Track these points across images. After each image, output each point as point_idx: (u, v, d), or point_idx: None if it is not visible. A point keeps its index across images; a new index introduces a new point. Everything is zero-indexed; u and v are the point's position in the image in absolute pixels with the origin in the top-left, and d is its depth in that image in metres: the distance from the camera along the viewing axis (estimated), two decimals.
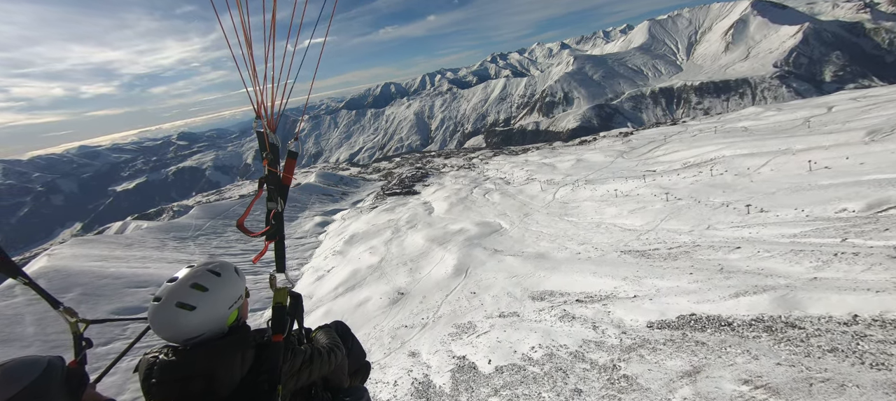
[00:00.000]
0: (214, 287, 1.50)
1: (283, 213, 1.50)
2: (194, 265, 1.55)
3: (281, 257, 1.55)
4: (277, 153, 1.49)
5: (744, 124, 37.63)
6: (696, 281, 11.21)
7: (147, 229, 36.96)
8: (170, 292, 1.44)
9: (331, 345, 1.90)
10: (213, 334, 1.49)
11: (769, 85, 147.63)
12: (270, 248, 1.53)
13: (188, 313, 1.43)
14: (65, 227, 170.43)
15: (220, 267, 1.57)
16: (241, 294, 1.62)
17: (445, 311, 15.79)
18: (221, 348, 1.45)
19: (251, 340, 1.52)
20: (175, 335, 1.43)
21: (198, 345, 1.45)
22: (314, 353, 1.73)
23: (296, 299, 1.68)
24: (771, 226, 13.76)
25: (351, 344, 2.25)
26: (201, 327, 1.46)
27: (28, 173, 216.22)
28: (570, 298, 13.43)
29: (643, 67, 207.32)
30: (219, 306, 1.50)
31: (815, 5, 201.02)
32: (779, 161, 20.37)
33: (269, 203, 1.48)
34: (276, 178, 1.48)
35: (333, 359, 1.84)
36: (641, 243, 16.66)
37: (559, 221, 23.92)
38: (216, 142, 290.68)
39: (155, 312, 1.42)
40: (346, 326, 2.36)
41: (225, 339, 1.49)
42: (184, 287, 1.46)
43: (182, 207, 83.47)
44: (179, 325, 1.42)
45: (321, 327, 2.17)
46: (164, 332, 1.43)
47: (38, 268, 21.43)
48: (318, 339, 1.99)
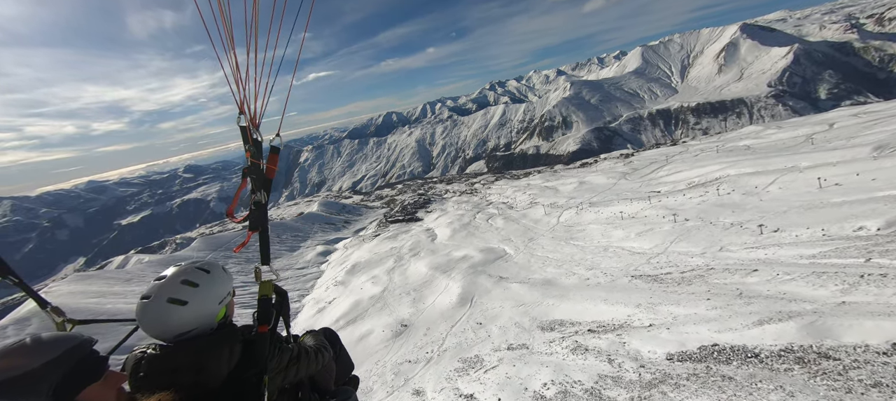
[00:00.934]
0: (204, 283, 1.53)
1: (266, 205, 1.51)
2: (181, 265, 1.57)
3: (266, 250, 1.56)
4: (260, 147, 1.50)
5: (745, 143, 37.54)
6: (715, 307, 10.63)
7: (147, 263, 36.61)
8: (160, 289, 1.45)
9: (318, 346, 1.91)
10: (202, 331, 1.50)
11: (765, 104, 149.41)
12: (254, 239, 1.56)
13: (180, 308, 1.45)
14: (69, 262, 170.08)
15: (208, 265, 1.60)
16: (230, 291, 1.66)
17: (451, 343, 15.10)
18: (209, 342, 1.46)
19: (239, 334, 1.55)
20: (165, 331, 1.44)
21: (186, 341, 1.45)
22: (301, 351, 1.76)
23: (281, 296, 1.70)
24: (787, 246, 13.25)
25: (339, 351, 2.27)
26: (192, 322, 1.48)
27: (35, 209, 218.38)
28: (582, 328, 12.79)
29: (639, 90, 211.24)
30: (209, 301, 1.53)
31: (802, 27, 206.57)
32: (787, 179, 20.00)
33: (252, 194, 1.49)
34: (258, 169, 1.48)
35: (321, 358, 1.85)
36: (652, 267, 16.09)
37: (565, 245, 23.39)
38: (221, 173, 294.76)
39: (144, 308, 1.43)
40: (335, 333, 2.36)
41: (212, 335, 1.50)
42: (174, 283, 1.48)
43: (185, 239, 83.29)
44: (171, 320, 1.44)
45: (309, 331, 2.19)
46: (154, 328, 1.43)
47: (33, 306, 20.92)
48: (306, 340, 2.01)
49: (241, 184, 1.52)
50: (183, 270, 1.53)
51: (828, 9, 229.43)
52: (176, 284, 1.47)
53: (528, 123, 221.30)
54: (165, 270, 1.53)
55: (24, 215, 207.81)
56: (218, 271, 1.61)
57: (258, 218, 1.49)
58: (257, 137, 1.49)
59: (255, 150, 1.47)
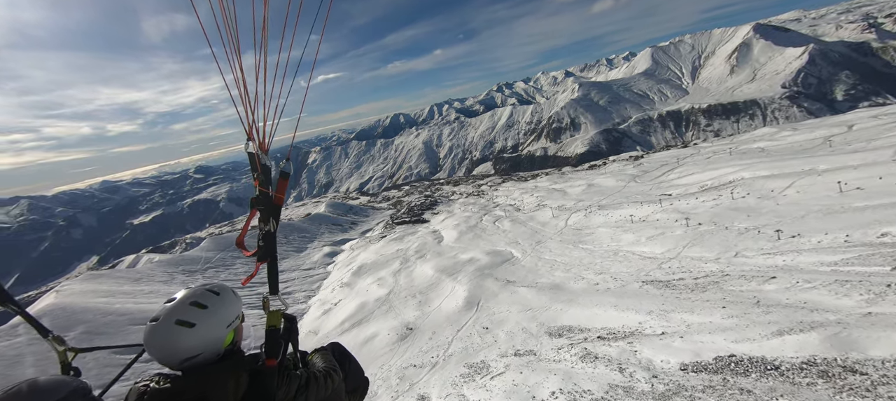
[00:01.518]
0: (213, 305, 1.51)
1: (275, 233, 1.47)
2: (192, 287, 1.55)
3: (274, 279, 1.54)
4: (269, 174, 1.47)
5: (760, 145, 36.63)
6: (731, 316, 10.23)
7: (157, 263, 37.00)
8: (169, 312, 1.44)
9: (327, 369, 1.87)
10: (208, 356, 1.47)
11: (780, 105, 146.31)
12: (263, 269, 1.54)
13: (187, 330, 1.43)
14: (82, 260, 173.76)
15: (218, 288, 1.58)
16: (238, 315, 1.62)
17: (456, 348, 14.86)
18: (214, 372, 1.42)
19: (245, 364, 1.50)
20: (172, 355, 1.42)
21: (190, 370, 1.42)
22: (310, 378, 1.70)
23: (290, 322, 1.67)
24: (806, 253, 12.76)
25: (348, 365, 2.23)
26: (200, 346, 1.45)
27: (51, 208, 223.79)
28: (591, 335, 12.46)
29: (649, 92, 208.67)
30: (217, 324, 1.50)
31: (818, 27, 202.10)
32: (804, 182, 19.36)
33: (260, 224, 1.46)
34: (267, 198, 1.46)
35: (330, 383, 1.82)
36: (664, 273, 15.67)
37: (573, 249, 23.00)
38: (231, 174, 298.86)
39: (152, 331, 1.40)
40: (343, 347, 2.32)
41: (218, 363, 1.47)
42: (183, 305, 1.46)
43: (195, 238, 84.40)
44: (178, 343, 1.42)
45: (317, 350, 2.13)
46: (161, 352, 1.40)
47: (45, 305, 21.26)
48: (315, 362, 1.97)
49: (250, 214, 1.48)
50: (192, 292, 1.51)
51: (844, 8, 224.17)
52: (184, 306, 1.46)
53: (535, 124, 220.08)
54: (176, 293, 1.52)
55: (41, 215, 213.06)
56: (227, 294, 1.58)
57: (267, 249, 1.47)
58: (266, 162, 1.45)
59: (263, 177, 1.44)
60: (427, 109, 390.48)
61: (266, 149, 1.47)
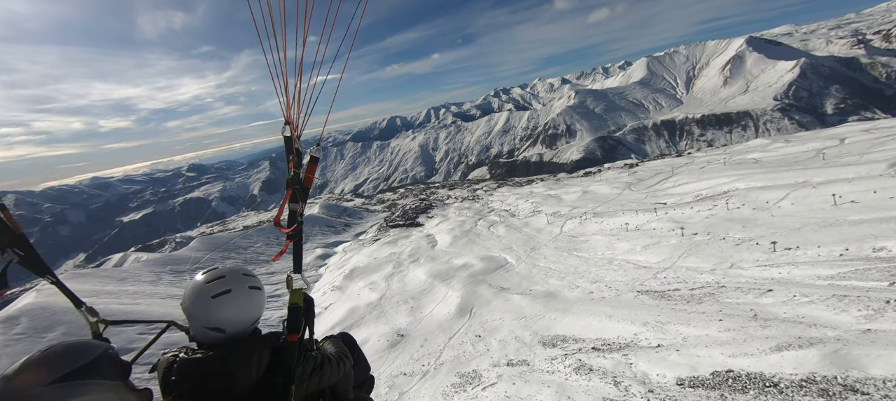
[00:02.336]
0: (259, 279, 1.64)
1: (302, 214, 1.54)
2: (215, 266, 1.58)
3: (299, 258, 1.58)
4: (301, 157, 1.54)
5: (753, 156, 36.90)
6: (728, 329, 10.05)
7: (144, 262, 36.17)
8: (236, 280, 1.52)
9: (339, 354, 1.88)
10: (242, 332, 1.54)
11: (771, 117, 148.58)
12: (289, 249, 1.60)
13: (260, 293, 1.58)
14: (69, 258, 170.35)
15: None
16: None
17: (448, 356, 14.54)
18: (240, 348, 1.47)
19: (267, 342, 1.55)
20: (249, 318, 1.54)
21: (217, 345, 1.47)
22: (325, 359, 1.74)
23: (308, 303, 1.71)
24: (803, 266, 12.66)
25: (357, 355, 2.24)
26: (261, 311, 1.61)
27: (39, 204, 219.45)
28: (586, 346, 12.22)
29: (644, 101, 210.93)
30: (265, 296, 1.64)
31: (809, 42, 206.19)
32: (799, 194, 19.39)
33: (291, 204, 1.51)
34: (299, 179, 1.51)
35: (342, 367, 1.84)
36: (659, 283, 15.51)
37: (568, 256, 22.82)
38: (224, 173, 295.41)
39: (231, 300, 1.48)
40: (352, 337, 2.33)
41: (243, 341, 1.52)
42: (239, 274, 1.55)
43: (185, 238, 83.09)
44: (256, 305, 1.56)
45: (328, 337, 2.16)
46: (241, 316, 1.50)
47: (24, 304, 20.55)
48: (326, 347, 1.99)
49: (286, 194, 1.53)
50: (233, 266, 1.59)
51: (834, 24, 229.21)
52: (240, 274, 1.55)
53: (531, 130, 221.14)
54: (202, 273, 1.55)
55: (28, 210, 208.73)
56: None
57: (297, 228, 1.53)
58: (300, 147, 1.54)
59: (297, 160, 1.51)
60: (424, 113, 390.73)
61: (299, 134, 1.54)
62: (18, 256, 1.53)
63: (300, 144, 1.55)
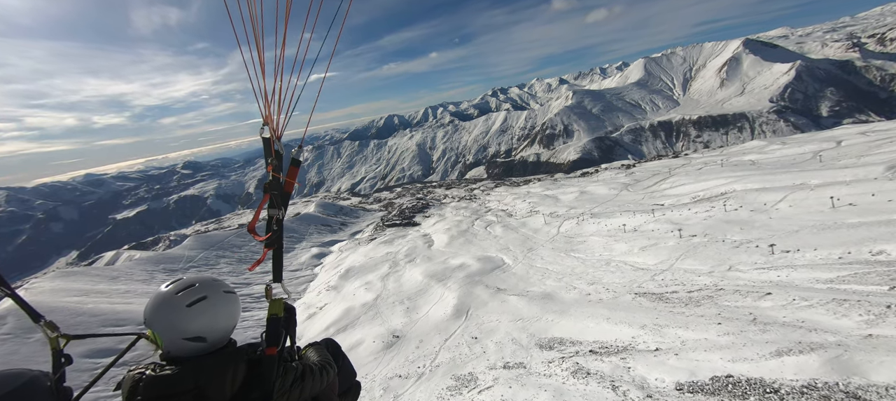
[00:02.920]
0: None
1: (283, 220, 1.47)
2: (179, 277, 1.53)
3: (278, 267, 1.52)
4: (281, 160, 1.48)
5: (750, 158, 36.97)
6: (727, 333, 9.92)
7: (137, 261, 35.69)
8: (209, 287, 1.46)
9: (322, 362, 1.81)
10: (221, 340, 1.48)
11: (767, 119, 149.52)
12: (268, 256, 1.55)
13: (235, 297, 1.50)
14: (61, 255, 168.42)
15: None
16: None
17: (444, 358, 14.36)
18: (213, 362, 1.40)
19: (242, 354, 1.48)
20: (228, 326, 1.48)
21: (187, 359, 1.40)
22: (306, 370, 1.65)
23: (289, 312, 1.64)
24: (801, 269, 12.57)
25: (341, 362, 2.16)
26: (236, 319, 1.52)
27: (31, 201, 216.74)
28: (583, 348, 12.07)
29: (641, 102, 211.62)
30: (239, 305, 1.56)
31: (805, 45, 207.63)
32: (797, 197, 19.36)
33: (270, 210, 1.45)
34: (278, 184, 1.46)
35: (325, 377, 1.76)
36: (657, 285, 15.40)
37: (565, 257, 22.70)
38: (220, 171, 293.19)
39: (211, 305, 1.42)
40: (337, 343, 2.26)
41: (216, 354, 1.45)
42: (216, 281, 1.50)
43: (179, 235, 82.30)
44: (234, 312, 1.49)
45: (311, 344, 2.07)
46: (220, 324, 1.44)
47: (11, 304, 20.09)
48: (309, 356, 1.90)
49: (263, 199, 1.45)
50: (197, 275, 1.51)
51: (830, 27, 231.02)
52: (211, 280, 1.50)
53: (529, 130, 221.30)
54: (170, 285, 1.45)
55: (19, 206, 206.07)
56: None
57: (276, 235, 1.46)
58: (279, 149, 1.47)
59: (276, 163, 1.45)
60: (422, 112, 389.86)
61: (279, 136, 1.48)
62: None
63: (281, 146, 1.48)
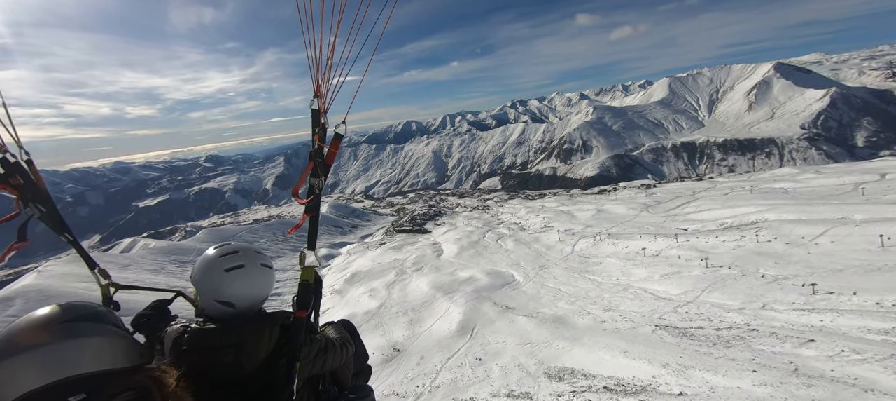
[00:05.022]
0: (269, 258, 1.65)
1: (321, 190, 1.50)
2: (227, 243, 1.59)
3: (313, 235, 1.54)
4: (325, 132, 1.51)
5: (782, 185, 34.90)
6: (765, 384, 8.76)
7: (150, 250, 36.12)
8: (249, 257, 1.52)
9: (342, 339, 1.84)
10: (250, 309, 1.52)
11: (798, 146, 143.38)
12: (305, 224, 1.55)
13: (271, 272, 1.57)
14: (85, 238, 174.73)
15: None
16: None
17: (445, 379, 13.49)
18: (252, 322, 1.47)
19: (278, 318, 1.54)
20: (260, 296, 1.54)
21: (224, 319, 1.46)
22: (329, 343, 1.71)
23: (317, 283, 1.68)
24: (849, 314, 11.23)
25: (357, 344, 2.14)
26: (271, 289, 1.58)
27: (62, 184, 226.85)
28: (597, 384, 11.01)
29: (664, 121, 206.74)
30: (274, 276, 1.63)
31: (840, 71, 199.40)
32: (839, 232, 17.76)
33: (312, 178, 1.50)
34: (321, 153, 1.49)
35: (345, 353, 1.80)
36: (680, 318, 14.18)
37: (579, 278, 21.54)
38: (240, 166, 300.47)
39: (245, 275, 1.48)
40: (353, 325, 2.25)
41: (254, 316, 1.53)
42: (252, 252, 1.56)
43: (195, 227, 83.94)
44: (268, 283, 1.56)
45: (330, 323, 2.10)
46: (251, 293, 1.50)
47: (23, 285, 20.32)
48: (329, 333, 1.90)
49: (308, 166, 1.48)
50: (243, 245, 1.57)
51: (868, 55, 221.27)
52: (253, 252, 1.55)
53: (546, 143, 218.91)
54: (217, 249, 1.52)
55: (51, 189, 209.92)
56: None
57: (315, 202, 1.49)
58: (325, 122, 1.51)
59: (321, 133, 1.49)
60: (440, 119, 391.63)
61: (326, 109, 1.53)
62: (40, 211, 1.53)
63: (326, 119, 1.51)
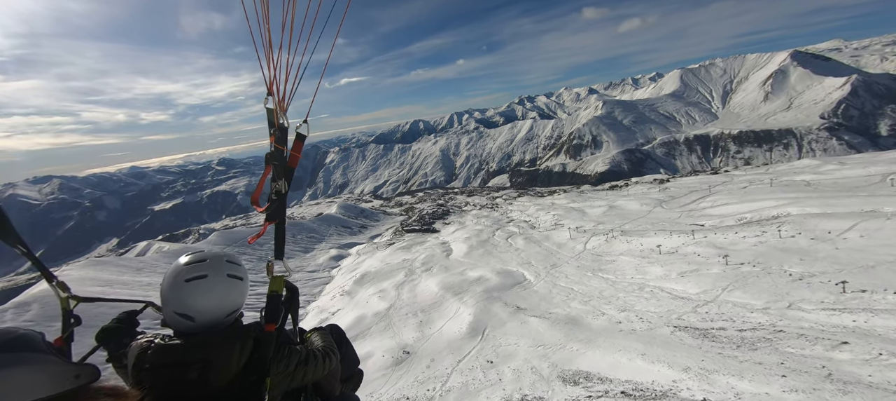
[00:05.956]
0: (243, 267, 1.51)
1: (286, 195, 1.43)
2: (200, 250, 1.50)
3: (280, 243, 1.47)
4: (285, 133, 1.42)
5: (803, 178, 33.62)
6: (796, 390, 8.23)
7: (164, 253, 36.76)
8: (214, 266, 1.41)
9: (326, 348, 1.75)
10: (213, 322, 1.42)
11: (817, 137, 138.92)
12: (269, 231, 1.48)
13: (239, 283, 1.45)
14: (103, 242, 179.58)
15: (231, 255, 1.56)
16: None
17: (455, 382, 13.19)
18: (220, 336, 1.38)
19: (251, 332, 1.45)
20: (222, 309, 1.41)
21: (186, 334, 1.38)
22: (310, 354, 1.64)
23: (292, 292, 1.65)
24: (884, 314, 10.57)
25: (345, 349, 2.12)
26: (241, 303, 1.48)
27: (80, 189, 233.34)
28: (614, 388, 10.58)
29: (676, 114, 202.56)
30: (247, 286, 1.51)
31: (861, 58, 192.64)
32: (869, 226, 16.88)
33: (272, 183, 1.41)
34: (280, 156, 1.41)
35: (328, 363, 1.71)
36: (700, 318, 13.61)
37: (592, 277, 21.00)
38: (251, 169, 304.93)
39: (207, 285, 1.37)
40: (342, 330, 2.20)
41: (224, 330, 1.43)
42: (221, 262, 1.44)
43: (208, 229, 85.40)
44: (232, 297, 1.43)
45: (316, 329, 2.02)
46: (213, 306, 1.38)
47: (38, 291, 20.65)
48: (313, 341, 1.84)
49: (265, 171, 1.41)
50: (219, 251, 1.48)
51: (890, 40, 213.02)
52: (222, 261, 1.44)
53: (555, 139, 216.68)
54: (185, 255, 1.43)
55: (70, 194, 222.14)
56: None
57: (277, 209, 1.41)
58: (284, 122, 1.41)
59: (279, 134, 1.40)
60: (447, 118, 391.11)
61: (285, 108, 1.42)
62: None
63: (285, 119, 1.41)
